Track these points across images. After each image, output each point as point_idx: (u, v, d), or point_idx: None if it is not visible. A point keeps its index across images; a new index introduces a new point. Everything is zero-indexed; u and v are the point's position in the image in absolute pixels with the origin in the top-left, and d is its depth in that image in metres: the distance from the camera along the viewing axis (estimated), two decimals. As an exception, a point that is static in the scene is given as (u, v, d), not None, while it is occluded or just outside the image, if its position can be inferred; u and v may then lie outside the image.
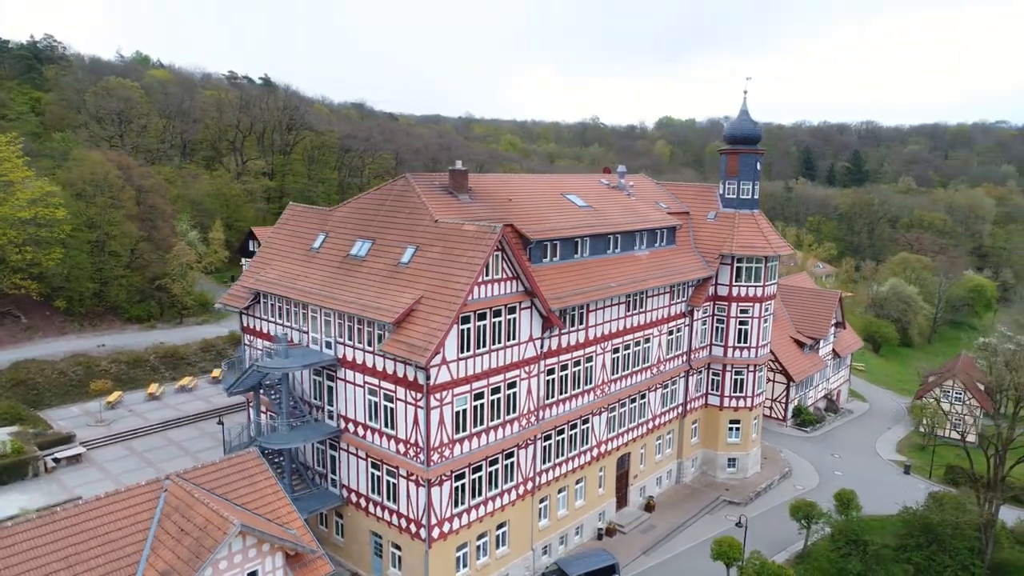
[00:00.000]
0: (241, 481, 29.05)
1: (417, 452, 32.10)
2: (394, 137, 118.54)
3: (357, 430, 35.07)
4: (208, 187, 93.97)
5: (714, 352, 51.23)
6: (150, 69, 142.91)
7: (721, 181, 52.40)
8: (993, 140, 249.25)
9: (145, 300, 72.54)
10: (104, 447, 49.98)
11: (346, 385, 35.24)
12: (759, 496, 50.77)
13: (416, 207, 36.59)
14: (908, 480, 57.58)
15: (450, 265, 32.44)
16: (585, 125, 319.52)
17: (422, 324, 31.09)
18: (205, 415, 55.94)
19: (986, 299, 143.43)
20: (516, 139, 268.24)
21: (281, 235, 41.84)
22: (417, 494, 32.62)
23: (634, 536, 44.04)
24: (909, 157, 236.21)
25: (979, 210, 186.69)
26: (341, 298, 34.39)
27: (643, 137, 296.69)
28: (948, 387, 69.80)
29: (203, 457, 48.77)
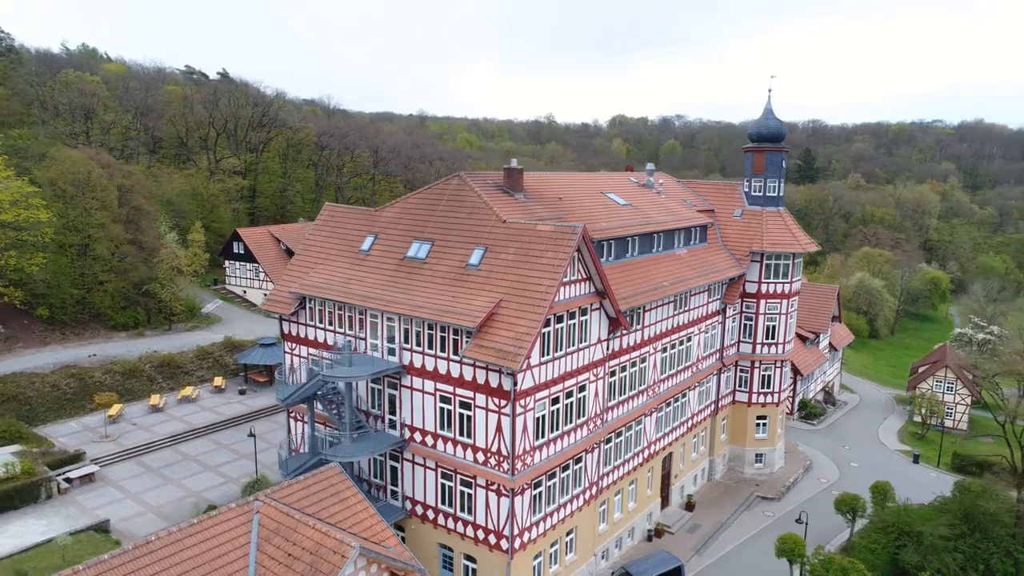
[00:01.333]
0: (330, 498, 27.48)
1: (500, 461, 30.99)
2: (369, 135, 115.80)
3: (425, 439, 33.69)
4: (182, 186, 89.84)
5: (742, 349, 51.52)
6: (104, 63, 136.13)
7: (746, 179, 52.75)
8: (932, 139, 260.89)
9: (130, 306, 68.79)
10: (115, 464, 47.03)
11: (412, 393, 33.81)
12: (789, 490, 51.33)
13: (477, 207, 35.39)
14: (919, 469, 59.25)
15: (529, 267, 31.42)
16: (540, 123, 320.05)
17: (506, 328, 29.99)
18: (216, 427, 53.32)
19: (941, 291, 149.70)
20: (472, 137, 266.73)
21: (321, 237, 39.96)
22: (498, 504, 31.51)
23: (682, 536, 43.86)
24: (856, 155, 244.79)
25: (925, 205, 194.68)
26: (408, 302, 32.94)
27: (598, 135, 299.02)
28: (940, 377, 72.22)
29: (225, 472, 46.55)
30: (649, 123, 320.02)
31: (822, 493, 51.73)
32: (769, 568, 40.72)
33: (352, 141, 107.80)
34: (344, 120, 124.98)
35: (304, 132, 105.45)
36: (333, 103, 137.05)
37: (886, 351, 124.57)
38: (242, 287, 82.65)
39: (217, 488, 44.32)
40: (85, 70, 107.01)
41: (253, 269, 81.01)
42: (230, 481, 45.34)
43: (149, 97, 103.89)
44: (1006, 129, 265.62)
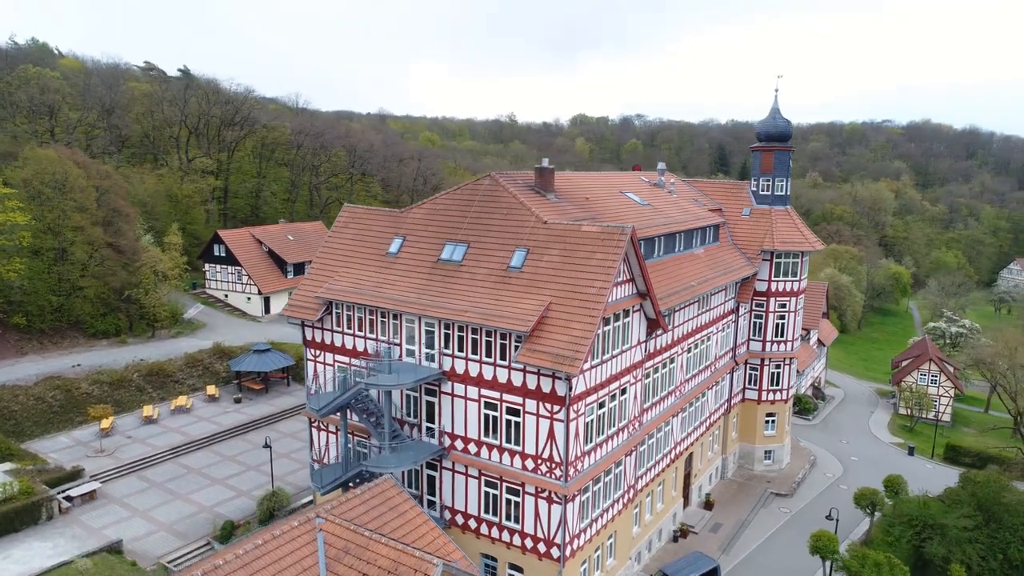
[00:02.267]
0: (389, 512, 26.41)
1: (552, 468, 30.29)
2: (345, 134, 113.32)
3: (468, 447, 32.76)
4: (155, 187, 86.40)
5: (752, 347, 51.85)
6: (58, 59, 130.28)
7: (753, 178, 53.06)
8: (883, 138, 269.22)
9: (111, 313, 65.76)
10: (116, 480, 44.76)
11: (453, 399, 32.83)
12: (799, 486, 51.88)
13: (513, 207, 34.59)
14: (915, 461, 60.66)
15: (578, 268, 30.79)
16: (500, 123, 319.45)
17: (560, 332, 29.30)
18: (216, 438, 51.25)
19: (903, 285, 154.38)
20: (435, 136, 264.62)
21: (343, 240, 38.56)
22: (549, 511, 30.81)
23: (706, 536, 43.84)
24: (812, 154, 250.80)
25: (881, 203, 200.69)
26: (448, 306, 31.97)
27: (560, 134, 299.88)
28: (925, 370, 74.20)
29: (234, 484, 44.73)
30: (610, 122, 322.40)
31: (831, 488, 52.46)
32: (797, 565, 41.01)
33: (328, 140, 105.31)
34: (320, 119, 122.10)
35: (279, 131, 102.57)
36: (301, 101, 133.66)
37: (856, 345, 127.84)
38: (223, 291, 79.92)
39: (229, 502, 42.49)
40: (41, 65, 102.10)
41: (235, 272, 78.38)
42: (242, 494, 43.54)
43: (112, 94, 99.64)
44: (951, 129, 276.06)
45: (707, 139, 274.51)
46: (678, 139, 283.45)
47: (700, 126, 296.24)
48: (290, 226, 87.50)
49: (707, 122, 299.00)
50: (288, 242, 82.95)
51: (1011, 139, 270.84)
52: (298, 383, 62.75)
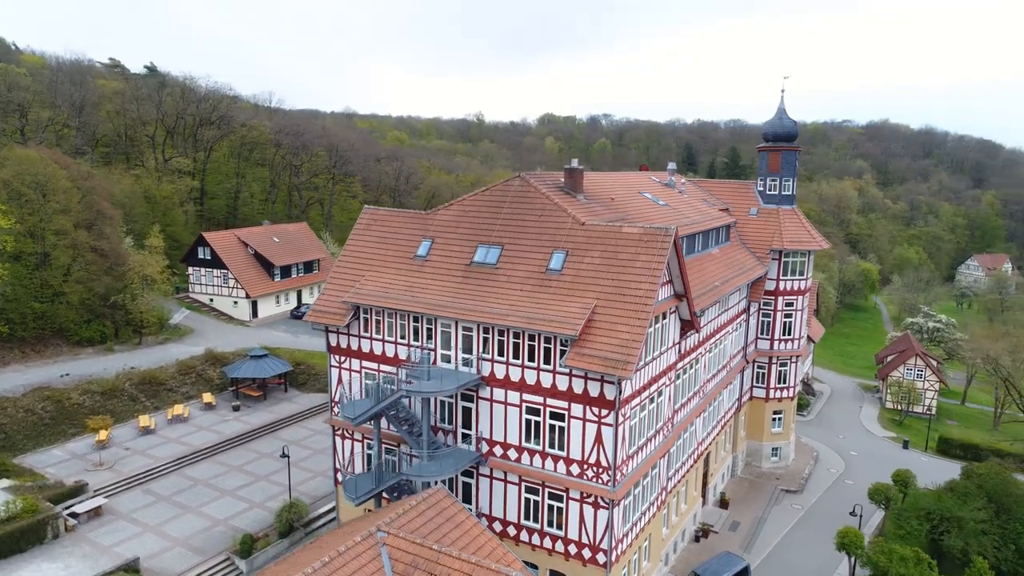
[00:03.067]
0: (446, 524, 25.75)
1: (599, 472, 29.92)
2: (322, 133, 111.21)
3: (507, 453, 32.18)
4: (132, 188, 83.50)
5: (760, 346, 52.26)
6: (18, 54, 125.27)
7: (760, 178, 53.46)
8: (845, 137, 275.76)
9: (96, 320, 63.27)
10: (120, 494, 43.05)
11: (492, 405, 32.21)
12: (807, 482, 52.49)
13: (547, 209, 34.10)
14: (910, 454, 61.92)
15: (622, 270, 30.47)
16: (468, 122, 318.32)
17: (608, 335, 28.94)
18: (220, 447, 49.70)
19: (871, 281, 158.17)
20: (402, 135, 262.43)
21: (366, 242, 37.56)
22: (595, 516, 30.44)
23: (726, 535, 43.98)
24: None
25: (845, 201, 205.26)
26: (488, 310, 31.33)
27: (529, 133, 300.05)
28: (911, 365, 75.92)
29: (245, 496, 43.37)
30: (577, 121, 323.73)
31: (836, 483, 53.18)
32: (818, 561, 41.45)
33: (309, 140, 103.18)
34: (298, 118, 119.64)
35: (258, 130, 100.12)
36: (275, 100, 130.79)
37: (829, 340, 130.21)
38: (208, 295, 77.65)
39: (244, 515, 41.15)
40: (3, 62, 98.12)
41: (221, 275, 76.21)
42: (255, 506, 42.21)
43: (82, 92, 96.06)
44: (909, 129, 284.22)
45: (674, 138, 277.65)
46: (646, 138, 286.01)
47: (667, 125, 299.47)
48: (275, 227, 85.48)
49: (673, 121, 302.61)
50: (274, 244, 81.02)
51: (964, 139, 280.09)
52: (296, 389, 61.28)
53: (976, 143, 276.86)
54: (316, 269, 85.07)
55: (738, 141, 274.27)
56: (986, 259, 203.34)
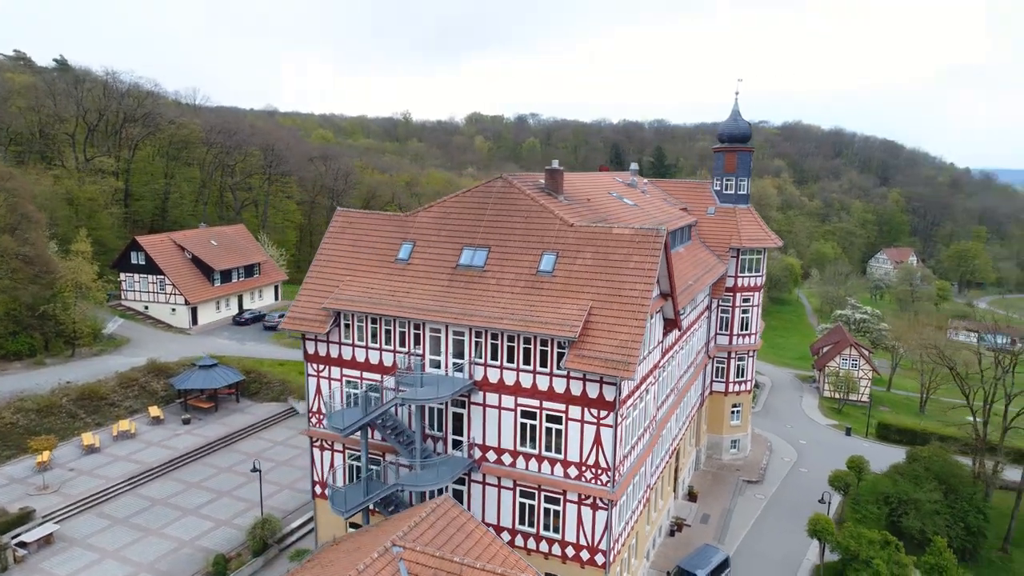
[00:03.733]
0: (458, 534, 25.21)
1: (597, 473, 29.95)
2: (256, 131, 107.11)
3: (501, 458, 31.78)
4: (53, 190, 78.11)
5: (719, 341, 53.65)
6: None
7: (716, 177, 54.84)
8: (762, 138, 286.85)
9: (23, 331, 58.89)
10: (72, 519, 40.24)
11: (485, 410, 31.73)
12: (766, 472, 54.27)
13: (533, 210, 33.88)
14: (853, 441, 64.99)
15: (615, 271, 30.57)
16: (395, 121, 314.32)
17: (606, 336, 28.97)
18: (175, 464, 47.12)
19: (795, 275, 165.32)
20: (328, 133, 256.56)
21: (341, 246, 36.32)
22: (593, 518, 30.46)
23: (698, 528, 44.91)
24: (701, 152, 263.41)
25: (766, 199, 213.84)
26: (480, 313, 30.84)
27: (458, 132, 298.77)
28: (846, 355, 79.69)
29: (210, 514, 41.30)
30: (505, 121, 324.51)
31: (792, 472, 55.20)
32: (787, 548, 42.88)
33: (243, 139, 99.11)
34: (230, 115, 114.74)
35: (188, 128, 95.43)
36: (200, 97, 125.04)
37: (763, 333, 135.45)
38: (143, 302, 73.53)
39: (211, 534, 39.13)
40: None
41: (157, 282, 72.32)
42: (222, 524, 40.22)
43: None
44: (820, 130, 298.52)
45: (601, 138, 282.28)
46: (573, 138, 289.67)
47: (593, 125, 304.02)
48: (211, 230, 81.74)
49: (600, 121, 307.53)
50: (212, 248, 77.48)
51: (870, 139, 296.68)
52: (248, 399, 58.78)
53: (880, 143, 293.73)
54: (257, 273, 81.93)
55: (662, 141, 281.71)
56: (893, 253, 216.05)
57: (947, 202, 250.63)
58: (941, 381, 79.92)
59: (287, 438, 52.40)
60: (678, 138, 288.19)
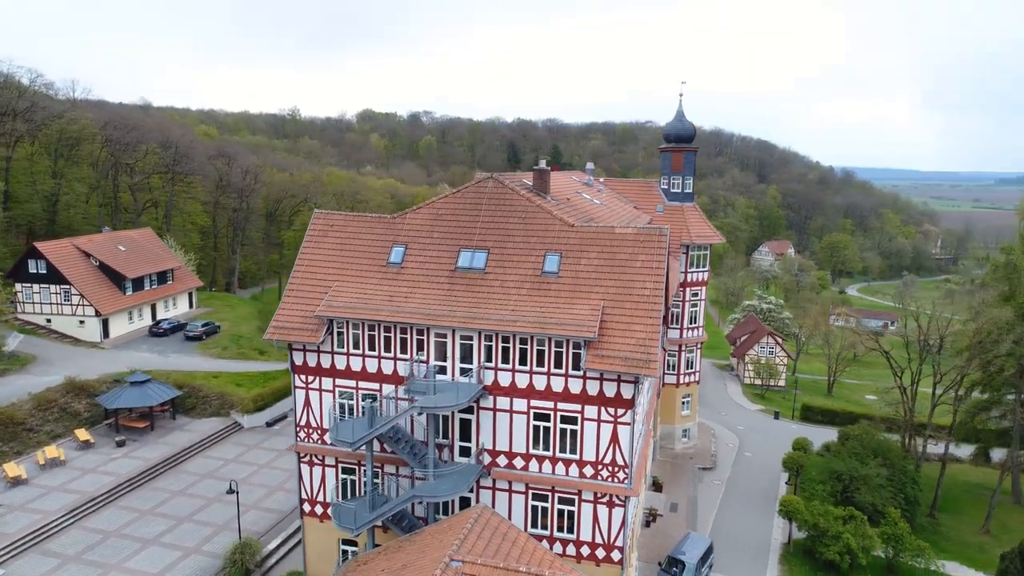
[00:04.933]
0: (504, 543, 24.78)
1: (614, 471, 30.23)
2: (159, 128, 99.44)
3: (513, 462, 31.37)
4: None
5: (671, 335, 55.45)
6: None
7: (664, 176, 56.57)
8: (651, 137, 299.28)
9: (-89, 353, 51.93)
10: (13, 560, 36.28)
11: (496, 414, 31.20)
12: (717, 458, 56.71)
13: (530, 211, 33.67)
14: (782, 424, 69.17)
15: (623, 271, 30.92)
16: (282, 117, 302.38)
17: (622, 335, 29.27)
18: (118, 491, 43.24)
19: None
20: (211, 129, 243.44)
21: (324, 251, 34.55)
22: (609, 516, 30.73)
23: (670, 517, 46.27)
24: (594, 151, 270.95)
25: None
26: (490, 317, 30.29)
27: (351, 130, 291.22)
28: (764, 344, 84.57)
29: (174, 542, 38.45)
30: (398, 118, 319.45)
31: (739, 457, 58.07)
32: (753, 528, 45.23)
33: (143, 135, 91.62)
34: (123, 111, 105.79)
35: (80, 124, 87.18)
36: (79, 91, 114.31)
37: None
38: (45, 315, 66.73)
39: (181, 565, 36.19)
40: None
41: (61, 292, 65.84)
42: (192, 552, 37.30)
43: None
44: (702, 130, 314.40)
45: (498, 137, 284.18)
46: (469, 136, 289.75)
47: (488, 123, 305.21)
48: (117, 235, 75.34)
49: (495, 119, 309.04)
50: (120, 253, 71.46)
51: (747, 139, 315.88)
52: (185, 416, 54.74)
53: (756, 143, 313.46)
54: (170, 280, 76.34)
55: (557, 139, 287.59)
56: (774, 245, 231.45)
57: (817, 198, 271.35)
58: (845, 365, 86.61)
59: (239, 455, 49.27)
60: (571, 137, 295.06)
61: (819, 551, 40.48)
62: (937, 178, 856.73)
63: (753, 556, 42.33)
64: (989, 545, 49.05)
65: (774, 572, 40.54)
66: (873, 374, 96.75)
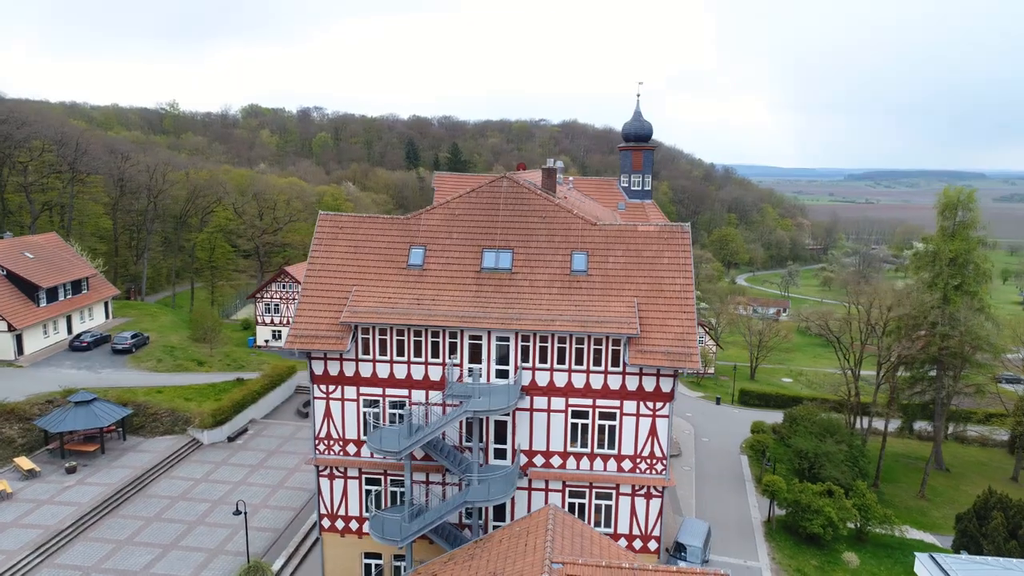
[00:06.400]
0: (583, 540, 24.98)
1: (652, 463, 31.04)
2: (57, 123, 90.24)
3: (550, 461, 31.46)
4: None
5: (635, 328, 57.07)
6: None
7: (624, 174, 58.07)
8: (547, 135, 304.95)
9: None
10: (-15, 610, 32.04)
11: (532, 414, 31.15)
12: (680, 446, 58.98)
13: (549, 210, 33.86)
14: (725, 408, 72.81)
15: (651, 267, 31.72)
16: (159, 112, 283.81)
17: (660, 330, 30.07)
18: (85, 522, 39.53)
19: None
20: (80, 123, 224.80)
21: (336, 253, 33.09)
22: (647, 507, 31.53)
23: (654, 504, 47.74)
24: (493, 148, 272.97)
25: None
26: (528, 317, 30.23)
27: (237, 126, 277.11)
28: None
29: (165, 572, 35.53)
30: (287, 114, 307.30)
31: (699, 443, 60.60)
32: (732, 509, 47.46)
33: (37, 130, 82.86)
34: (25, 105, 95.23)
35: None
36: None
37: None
38: (-55, 333, 59.45)
39: (183, 594, 33.57)
40: None
41: (-35, 306, 58.89)
42: (190, 581, 34.66)
43: None
44: (594, 128, 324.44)
45: (395, 134, 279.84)
46: (365, 133, 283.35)
47: (382, 120, 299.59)
48: (21, 241, 68.27)
49: (389, 116, 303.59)
50: (30, 262, 64.82)
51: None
52: (136, 435, 50.61)
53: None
54: (86, 289, 70.03)
55: (454, 137, 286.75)
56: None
57: (703, 193, 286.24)
58: (767, 351, 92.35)
59: (207, 473, 46.13)
60: (468, 134, 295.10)
61: (802, 526, 43.13)
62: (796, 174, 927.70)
63: (739, 535, 44.47)
64: (927, 508, 54.16)
65: (764, 548, 42.84)
66: (786, 359, 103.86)
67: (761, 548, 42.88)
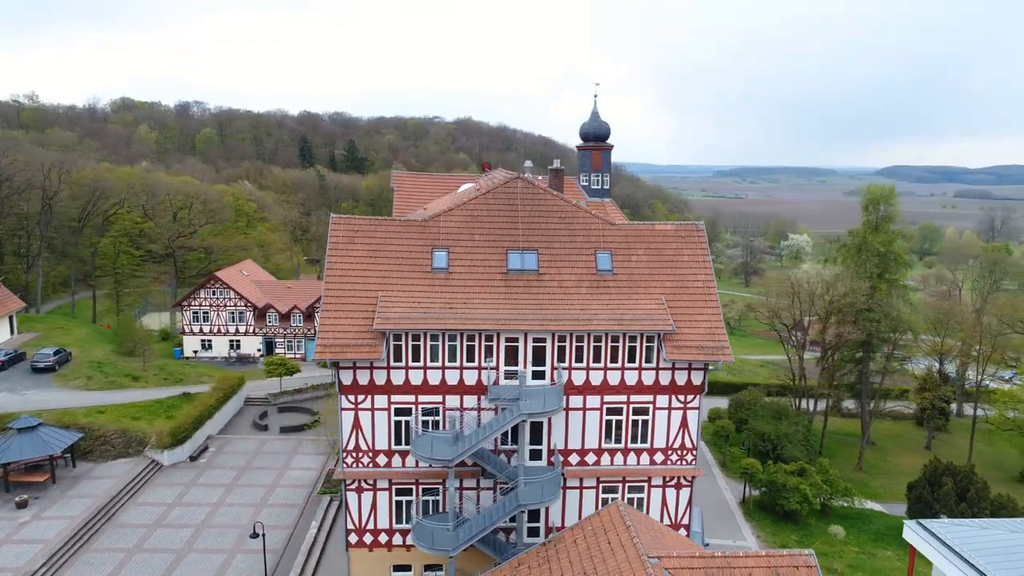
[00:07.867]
0: (659, 534, 25.57)
1: (682, 454, 32.11)
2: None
3: (585, 459, 31.82)
4: None
5: (598, 324, 58.39)
6: None
7: (583, 174, 59.07)
8: (443, 133, 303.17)
9: None
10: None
11: (568, 413, 31.37)
12: (640, 435, 60.93)
13: (568, 211, 34.31)
14: (667, 397, 75.72)
15: (673, 265, 32.77)
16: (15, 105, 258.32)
17: (690, 326, 31.13)
18: (54, 561, 35.85)
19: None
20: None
21: (355, 258, 31.78)
22: (677, 497, 32.61)
23: (636, 494, 49.17)
24: (390, 146, 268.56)
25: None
26: (565, 317, 30.41)
27: (109, 120, 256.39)
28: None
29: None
30: (164, 108, 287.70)
31: (655, 431, 62.86)
32: (709, 494, 49.69)
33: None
34: None
35: None
36: None
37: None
38: None
39: (198, 628, 31.24)
40: None
41: None
42: (199, 613, 32.30)
43: None
44: (489, 126, 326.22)
45: (287, 130, 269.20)
46: (253, 129, 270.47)
47: (270, 116, 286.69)
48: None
49: (277, 112, 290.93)
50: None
51: (530, 135, 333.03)
52: (87, 461, 46.27)
53: (538, 138, 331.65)
54: (-11, 302, 63.02)
55: (348, 134, 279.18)
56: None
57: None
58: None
59: (178, 496, 42.96)
60: (362, 131, 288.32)
61: (779, 504, 45.94)
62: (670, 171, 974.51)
63: (720, 517, 46.69)
64: (866, 480, 58.99)
65: (747, 527, 45.24)
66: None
67: (744, 527, 45.25)
